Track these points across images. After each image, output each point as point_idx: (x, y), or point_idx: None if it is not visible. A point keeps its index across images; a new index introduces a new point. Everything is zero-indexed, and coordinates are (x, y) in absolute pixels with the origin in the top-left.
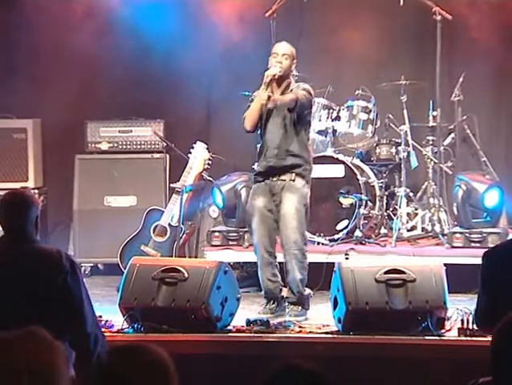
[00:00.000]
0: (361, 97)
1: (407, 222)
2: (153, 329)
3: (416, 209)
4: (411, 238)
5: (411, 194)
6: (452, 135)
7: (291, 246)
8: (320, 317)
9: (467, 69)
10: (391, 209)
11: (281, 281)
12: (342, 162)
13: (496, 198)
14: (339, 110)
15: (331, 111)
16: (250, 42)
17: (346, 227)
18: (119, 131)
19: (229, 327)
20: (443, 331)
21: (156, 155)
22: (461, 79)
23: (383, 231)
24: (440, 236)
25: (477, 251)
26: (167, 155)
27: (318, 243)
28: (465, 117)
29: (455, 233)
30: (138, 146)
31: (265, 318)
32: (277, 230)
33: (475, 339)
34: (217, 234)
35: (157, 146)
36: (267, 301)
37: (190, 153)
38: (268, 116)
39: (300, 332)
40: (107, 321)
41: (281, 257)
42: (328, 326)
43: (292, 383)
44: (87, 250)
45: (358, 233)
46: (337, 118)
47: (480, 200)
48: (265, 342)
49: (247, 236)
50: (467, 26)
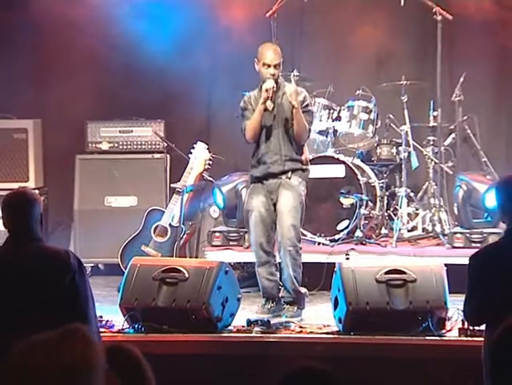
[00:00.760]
0: (362, 97)
1: (407, 222)
2: (154, 329)
3: (416, 209)
4: (411, 238)
5: (411, 194)
6: (452, 135)
7: (286, 243)
8: (321, 317)
9: (468, 69)
10: (391, 209)
11: (279, 280)
12: (342, 162)
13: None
14: (340, 110)
15: (332, 112)
16: (251, 42)
17: (346, 227)
18: (119, 131)
19: (229, 327)
20: (444, 331)
21: (157, 155)
22: (462, 79)
23: (383, 231)
24: (440, 236)
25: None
26: (167, 155)
27: (318, 243)
28: (466, 117)
29: (456, 233)
30: (138, 146)
31: (265, 319)
32: (275, 229)
33: (475, 339)
34: (218, 234)
35: (158, 146)
36: (265, 300)
37: (191, 153)
38: (266, 121)
39: (301, 332)
40: (107, 321)
41: (278, 257)
42: (329, 326)
43: (306, 384)
44: (88, 250)
45: (358, 234)
46: (338, 118)
47: (480, 200)
48: (265, 343)
49: (248, 236)
50: (468, 26)
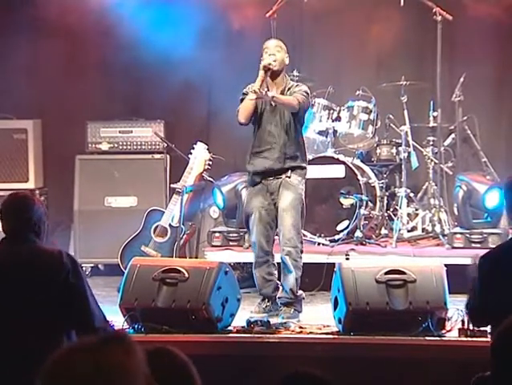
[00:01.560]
0: (361, 97)
1: (407, 223)
2: (154, 329)
3: (416, 210)
4: (411, 239)
5: (411, 194)
6: (452, 135)
7: (286, 243)
8: (321, 317)
9: (468, 69)
10: (391, 210)
11: (277, 280)
12: (342, 162)
13: (496, 199)
14: (340, 110)
15: (332, 112)
16: (251, 42)
17: (346, 227)
18: (119, 131)
19: (229, 328)
20: (443, 332)
21: (157, 155)
22: (462, 80)
23: (383, 231)
24: (440, 236)
25: (478, 252)
26: (167, 155)
27: (318, 243)
28: (466, 117)
29: (455, 234)
30: (138, 146)
31: (265, 319)
32: (274, 229)
33: (476, 340)
34: (218, 235)
35: (158, 146)
36: (262, 299)
37: (191, 154)
38: (266, 116)
39: (301, 332)
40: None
41: (278, 258)
42: (329, 327)
43: None
44: (88, 251)
45: (358, 234)
46: (337, 118)
47: (480, 200)
48: (265, 343)
49: (248, 236)
50: (468, 27)
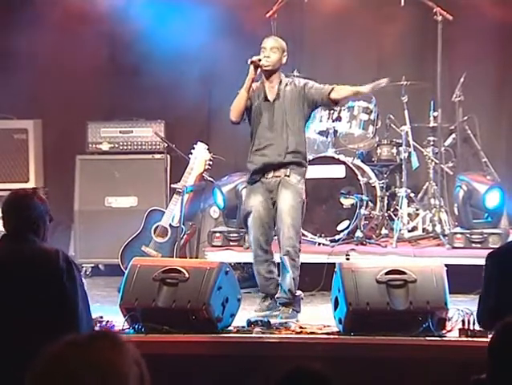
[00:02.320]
0: (362, 97)
1: (408, 223)
2: (154, 329)
3: (416, 210)
4: (412, 239)
5: (412, 195)
6: (453, 135)
7: (284, 243)
8: (321, 317)
9: (468, 69)
10: (392, 210)
11: (278, 278)
12: (343, 162)
13: (497, 199)
14: (340, 110)
15: (332, 112)
16: (251, 42)
17: (347, 227)
18: (119, 131)
19: (229, 328)
20: (444, 332)
21: (157, 155)
22: (462, 80)
23: (384, 231)
24: (441, 236)
25: (478, 252)
26: (168, 155)
27: (319, 243)
28: (466, 118)
29: (456, 234)
30: (139, 146)
31: (265, 319)
32: (273, 228)
33: (476, 340)
34: (218, 235)
35: (158, 146)
36: (263, 297)
37: (191, 154)
38: (263, 112)
39: (301, 333)
40: (107, 321)
41: (277, 257)
42: (329, 327)
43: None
44: (88, 251)
45: (359, 234)
46: (338, 118)
47: (481, 200)
48: (266, 343)
49: (247, 236)
50: (468, 27)
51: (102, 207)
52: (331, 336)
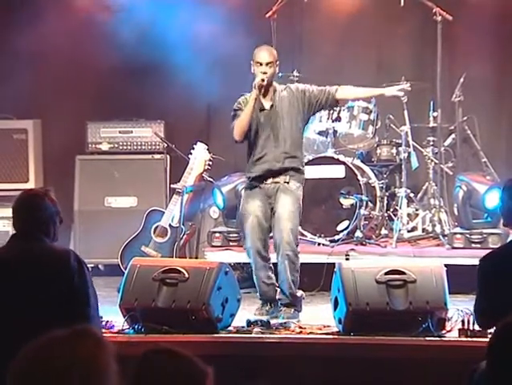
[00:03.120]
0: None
1: (407, 223)
2: (154, 330)
3: (416, 210)
4: (411, 239)
5: (411, 195)
6: (452, 135)
7: (285, 247)
8: (321, 317)
9: (468, 70)
10: (391, 210)
11: (275, 282)
12: (342, 163)
13: (496, 199)
14: (340, 111)
15: (332, 112)
16: (251, 42)
17: (346, 228)
18: (119, 131)
19: (229, 328)
20: (443, 332)
21: (157, 155)
22: (462, 80)
23: (383, 232)
24: (440, 236)
25: (478, 252)
26: (167, 155)
27: (318, 244)
28: (466, 118)
29: (455, 234)
30: (138, 147)
31: (265, 319)
32: (269, 233)
33: (476, 340)
34: (218, 235)
35: (158, 147)
36: (263, 302)
37: (191, 154)
38: (261, 122)
39: (301, 333)
40: (107, 321)
41: (274, 259)
42: (329, 327)
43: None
44: (88, 251)
45: (358, 234)
46: (338, 119)
47: (480, 200)
48: (265, 343)
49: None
50: (468, 27)
51: (102, 207)
52: (331, 336)
